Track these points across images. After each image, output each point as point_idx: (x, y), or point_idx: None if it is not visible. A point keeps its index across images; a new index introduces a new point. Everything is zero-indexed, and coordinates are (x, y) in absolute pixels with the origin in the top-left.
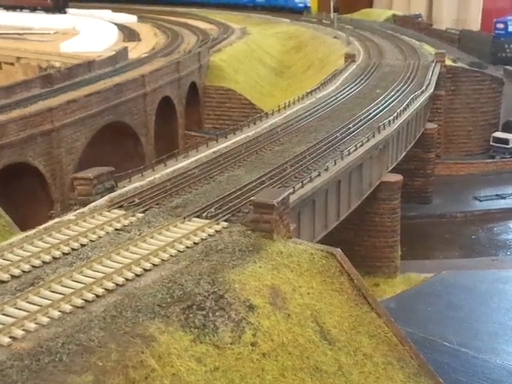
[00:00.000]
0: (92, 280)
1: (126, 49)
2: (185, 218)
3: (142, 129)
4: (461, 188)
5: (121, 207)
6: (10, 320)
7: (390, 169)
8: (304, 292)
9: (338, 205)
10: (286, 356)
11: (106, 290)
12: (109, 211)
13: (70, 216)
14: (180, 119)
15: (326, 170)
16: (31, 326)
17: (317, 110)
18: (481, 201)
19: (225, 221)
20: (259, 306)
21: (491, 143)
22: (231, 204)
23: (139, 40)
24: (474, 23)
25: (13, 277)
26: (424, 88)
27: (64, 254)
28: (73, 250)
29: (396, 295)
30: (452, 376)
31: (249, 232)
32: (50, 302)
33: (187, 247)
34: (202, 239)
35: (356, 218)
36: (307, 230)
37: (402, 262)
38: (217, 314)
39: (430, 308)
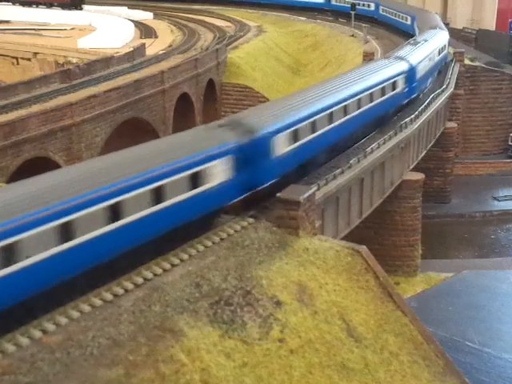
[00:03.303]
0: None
1: (143, 45)
2: None
3: (161, 125)
4: (479, 188)
5: None
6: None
7: (411, 167)
8: (330, 289)
9: (360, 202)
10: (313, 353)
11: (134, 284)
12: None
13: None
14: (198, 116)
15: (350, 167)
16: (62, 319)
17: None
18: (499, 201)
19: (250, 217)
20: (286, 302)
21: (509, 143)
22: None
23: (156, 37)
24: (489, 23)
25: None
26: (444, 87)
27: None
28: None
29: (417, 294)
30: (475, 376)
31: (274, 228)
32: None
33: (214, 243)
34: (229, 235)
35: (377, 217)
36: (331, 228)
37: (421, 261)
38: (244, 309)
39: (451, 308)
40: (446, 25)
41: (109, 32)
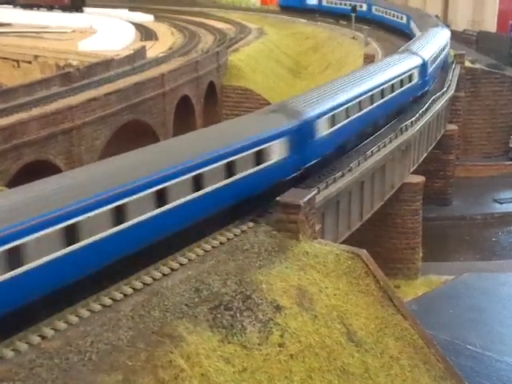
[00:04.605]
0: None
1: (143, 48)
2: None
3: (161, 128)
4: (480, 190)
5: None
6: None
7: (412, 170)
8: (330, 293)
9: (361, 206)
10: (313, 357)
11: (133, 289)
12: None
13: None
14: (198, 119)
15: (350, 170)
16: (61, 325)
17: None
18: (501, 203)
19: (250, 221)
20: (286, 306)
21: (510, 145)
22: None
23: (156, 39)
24: (490, 24)
25: None
26: (445, 89)
27: None
28: None
29: (417, 297)
30: (476, 380)
31: (274, 232)
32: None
33: (213, 247)
34: (228, 239)
35: (377, 220)
36: (331, 231)
37: (422, 264)
38: (244, 314)
39: (452, 310)
40: (447, 26)
41: (109, 34)
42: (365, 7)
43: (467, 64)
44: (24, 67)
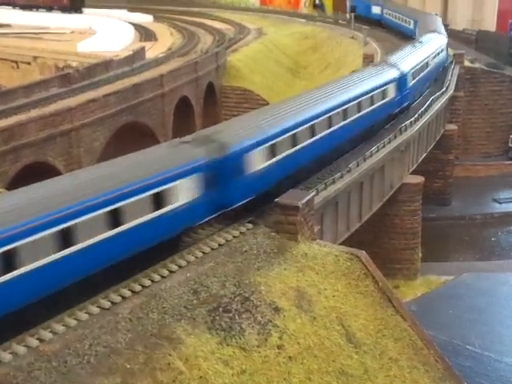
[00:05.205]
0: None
1: (143, 48)
2: None
3: (161, 129)
4: (480, 190)
5: None
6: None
7: (411, 170)
8: (329, 294)
9: (360, 206)
10: (312, 359)
11: (132, 291)
12: None
13: None
14: (198, 119)
15: (349, 171)
16: (59, 327)
17: None
18: (500, 203)
19: (249, 222)
20: (285, 308)
21: (510, 145)
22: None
23: (155, 40)
24: (489, 24)
25: None
26: (444, 89)
27: None
28: None
29: (417, 298)
30: (475, 380)
31: (273, 234)
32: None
33: (212, 249)
34: (227, 241)
35: (376, 220)
36: (330, 232)
37: (421, 264)
38: (243, 316)
39: (452, 311)
40: (446, 26)
41: (108, 35)
42: (412, 24)
43: (466, 63)
44: (23, 68)
